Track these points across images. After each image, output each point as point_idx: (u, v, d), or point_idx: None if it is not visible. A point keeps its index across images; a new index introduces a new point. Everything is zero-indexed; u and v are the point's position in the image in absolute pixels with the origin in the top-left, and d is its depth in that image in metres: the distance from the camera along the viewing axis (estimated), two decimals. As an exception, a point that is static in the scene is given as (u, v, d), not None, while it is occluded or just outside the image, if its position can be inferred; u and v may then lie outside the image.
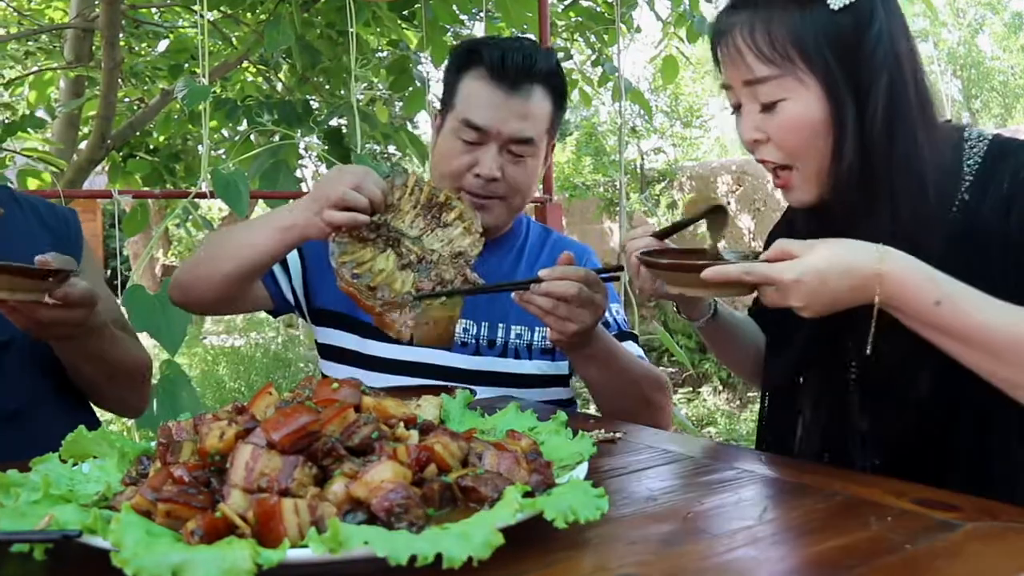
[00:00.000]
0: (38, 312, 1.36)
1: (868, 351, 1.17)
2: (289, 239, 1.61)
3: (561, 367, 1.90)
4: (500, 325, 1.86)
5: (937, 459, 1.29)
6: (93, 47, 4.91)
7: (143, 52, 5.79)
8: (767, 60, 1.24)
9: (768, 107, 1.26)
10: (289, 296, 1.89)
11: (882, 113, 1.22)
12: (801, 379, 1.45)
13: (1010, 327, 1.07)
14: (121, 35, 4.56)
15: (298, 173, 4.16)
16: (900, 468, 1.21)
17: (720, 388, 7.57)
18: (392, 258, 1.58)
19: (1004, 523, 0.90)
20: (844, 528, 0.89)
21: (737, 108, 1.33)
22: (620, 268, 1.62)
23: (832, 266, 1.11)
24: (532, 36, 3.62)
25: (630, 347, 1.85)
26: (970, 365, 1.12)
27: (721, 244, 1.41)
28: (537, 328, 1.87)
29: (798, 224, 1.45)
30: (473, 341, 1.85)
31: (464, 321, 1.83)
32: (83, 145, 5.02)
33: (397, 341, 1.60)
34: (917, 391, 1.27)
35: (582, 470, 0.98)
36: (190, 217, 4.90)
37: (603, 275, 1.60)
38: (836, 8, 1.22)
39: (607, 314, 1.79)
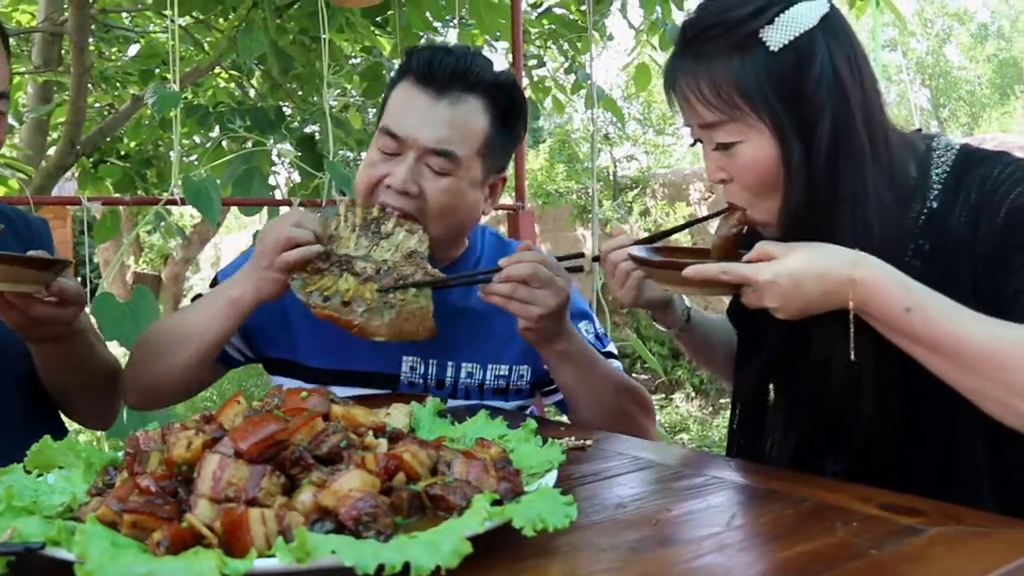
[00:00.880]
0: (34, 308, 1.36)
1: (851, 356, 1.18)
2: (244, 307, 1.56)
3: (515, 406, 1.81)
4: (450, 364, 1.76)
5: (903, 465, 1.30)
6: (62, 51, 4.86)
7: (113, 57, 5.75)
8: (714, 108, 1.24)
9: (724, 147, 1.27)
10: (240, 358, 1.80)
11: (827, 150, 1.22)
12: (770, 386, 1.46)
13: (980, 337, 1.09)
14: (91, 40, 4.53)
15: (271, 180, 4.13)
16: (868, 473, 1.23)
17: (693, 395, 7.61)
18: (351, 278, 1.56)
19: (968, 527, 0.91)
20: (811, 534, 0.90)
21: (699, 141, 1.34)
22: (580, 255, 1.61)
23: (807, 270, 1.13)
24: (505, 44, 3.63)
25: (612, 363, 1.80)
26: (938, 373, 1.13)
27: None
28: (490, 366, 1.77)
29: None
30: (421, 381, 1.75)
31: (411, 359, 1.74)
32: (52, 151, 4.97)
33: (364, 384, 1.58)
34: (880, 399, 1.28)
35: (551, 478, 0.98)
36: (162, 224, 4.88)
37: (564, 261, 1.57)
38: (776, 49, 1.21)
39: (583, 335, 1.76)
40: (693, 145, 1.36)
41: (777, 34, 1.21)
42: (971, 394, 1.12)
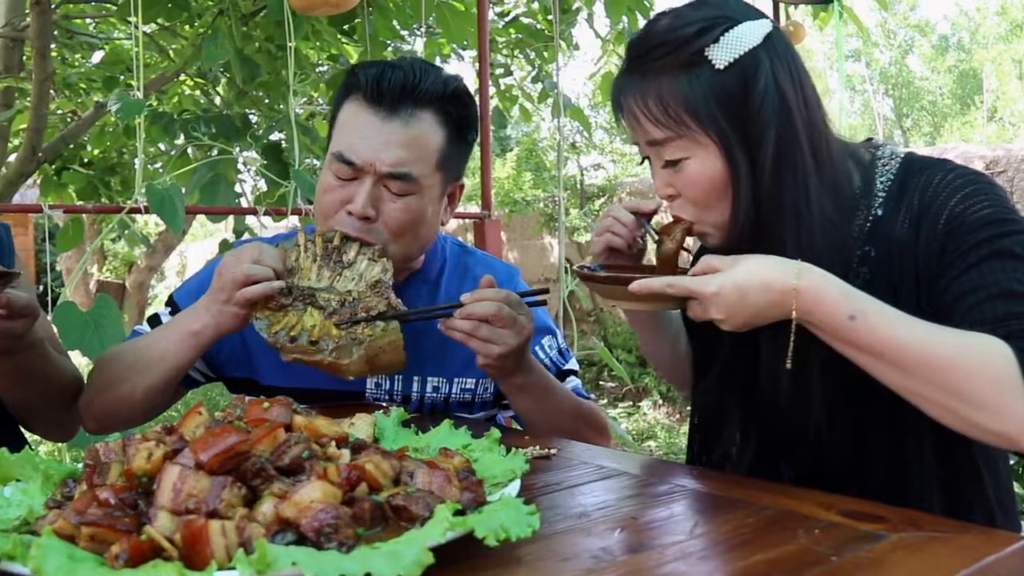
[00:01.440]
0: None
1: (788, 364, 1.20)
2: (205, 340, 1.55)
3: (480, 418, 1.80)
4: (415, 379, 1.73)
5: (855, 469, 1.32)
6: (23, 57, 4.81)
7: (76, 63, 5.69)
8: (662, 125, 1.26)
9: (672, 164, 1.29)
10: (201, 379, 1.79)
11: (771, 167, 1.25)
12: (726, 395, 1.48)
13: (921, 343, 1.10)
14: (53, 45, 4.48)
15: (237, 188, 4.11)
16: (822, 478, 1.25)
17: (660, 402, 7.63)
18: (316, 313, 1.53)
19: (928, 533, 0.92)
20: (772, 541, 0.91)
21: (647, 159, 1.36)
22: (545, 291, 1.60)
23: (751, 281, 1.14)
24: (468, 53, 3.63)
25: (571, 382, 1.80)
26: (882, 379, 1.15)
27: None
28: (456, 380, 1.75)
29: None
30: (386, 397, 1.74)
31: (375, 376, 1.72)
32: (13, 158, 4.91)
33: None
34: (827, 407, 1.30)
35: (514, 487, 0.98)
36: (127, 232, 4.82)
37: (526, 297, 1.56)
38: (721, 67, 1.23)
39: (540, 353, 1.77)
40: (642, 163, 1.38)
41: (722, 52, 1.23)
42: (914, 398, 1.14)
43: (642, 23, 4.63)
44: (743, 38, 1.24)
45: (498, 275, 1.84)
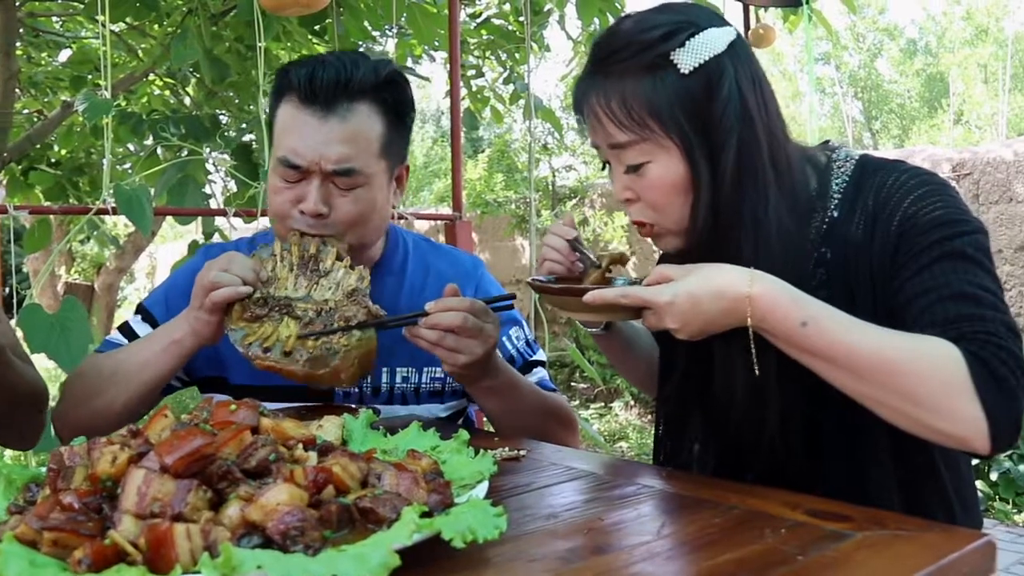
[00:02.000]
0: None
1: (757, 372, 1.21)
2: (185, 349, 1.54)
3: (451, 407, 1.81)
4: (384, 369, 1.74)
5: (815, 469, 1.34)
6: (-12, 56, 4.74)
7: (43, 62, 5.62)
8: (625, 128, 1.26)
9: (634, 168, 1.29)
10: (178, 384, 1.78)
11: (732, 173, 1.25)
12: (687, 404, 1.49)
13: (872, 348, 1.12)
14: (18, 43, 4.43)
15: (206, 189, 4.07)
16: (782, 478, 1.27)
17: (631, 403, 7.66)
18: (292, 323, 1.52)
19: (892, 531, 0.93)
20: (738, 541, 0.91)
21: (607, 164, 1.36)
22: (512, 296, 1.60)
23: (704, 289, 1.15)
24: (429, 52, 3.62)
25: (538, 373, 1.81)
26: (835, 383, 1.16)
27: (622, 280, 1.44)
28: (425, 369, 1.75)
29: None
30: (356, 389, 1.73)
31: None
32: (-22, 158, 4.84)
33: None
34: (782, 411, 1.32)
35: (482, 489, 0.98)
36: (95, 233, 4.78)
37: (493, 304, 1.55)
38: (686, 72, 1.24)
39: (508, 344, 1.78)
40: (603, 168, 1.38)
41: (688, 57, 1.24)
42: (868, 402, 1.15)
43: (613, 25, 4.62)
44: (708, 44, 1.25)
45: (463, 266, 1.86)
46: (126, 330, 1.77)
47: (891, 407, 1.13)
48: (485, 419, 1.88)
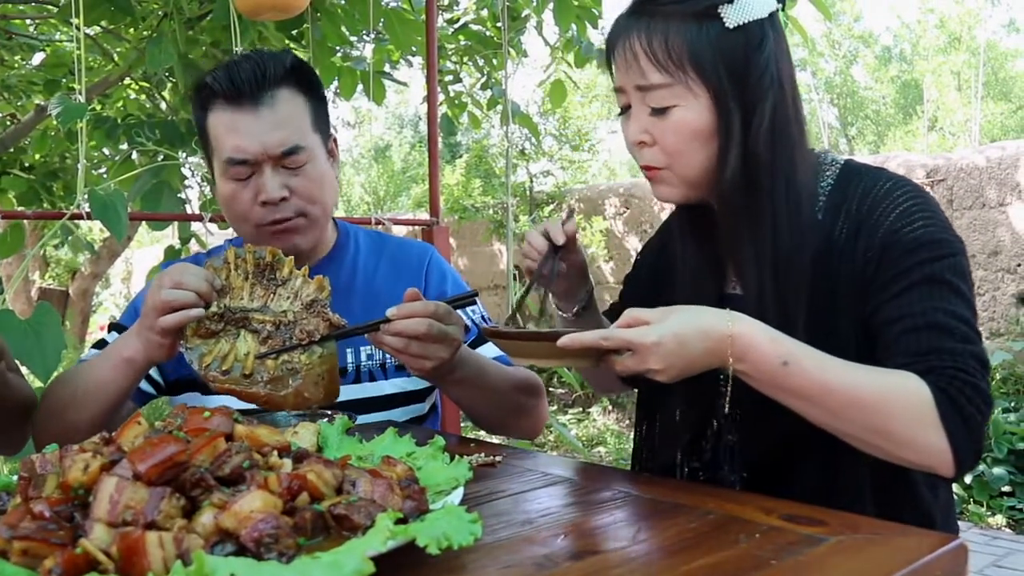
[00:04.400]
0: None
1: (733, 412, 1.29)
2: (138, 367, 1.53)
3: (419, 382, 1.82)
4: (348, 350, 1.77)
5: (789, 475, 1.36)
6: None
7: (15, 65, 5.57)
8: (662, 68, 1.29)
9: (658, 111, 1.31)
10: (154, 391, 1.78)
11: (767, 129, 1.29)
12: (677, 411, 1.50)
13: (847, 386, 1.15)
14: (-8, 48, 4.38)
15: (182, 194, 4.05)
16: (756, 483, 1.28)
17: (610, 408, 7.67)
18: (249, 338, 1.48)
19: (866, 535, 0.94)
20: (714, 546, 0.92)
21: (626, 109, 1.37)
22: (474, 293, 1.59)
23: (688, 328, 1.15)
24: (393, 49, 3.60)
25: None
26: (809, 418, 1.19)
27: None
28: None
29: (674, 243, 1.51)
30: None
31: None
32: (-50, 162, 4.79)
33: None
34: (755, 430, 1.35)
35: (457, 495, 0.98)
36: (70, 238, 4.73)
37: (455, 304, 1.53)
38: (731, 27, 1.28)
39: (465, 317, 1.75)
40: (620, 114, 1.39)
41: (735, 13, 1.28)
42: (839, 434, 1.20)
43: (591, 31, 4.63)
44: (754, 6, 1.29)
45: (413, 248, 1.92)
46: (101, 347, 1.76)
47: (863, 441, 1.18)
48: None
